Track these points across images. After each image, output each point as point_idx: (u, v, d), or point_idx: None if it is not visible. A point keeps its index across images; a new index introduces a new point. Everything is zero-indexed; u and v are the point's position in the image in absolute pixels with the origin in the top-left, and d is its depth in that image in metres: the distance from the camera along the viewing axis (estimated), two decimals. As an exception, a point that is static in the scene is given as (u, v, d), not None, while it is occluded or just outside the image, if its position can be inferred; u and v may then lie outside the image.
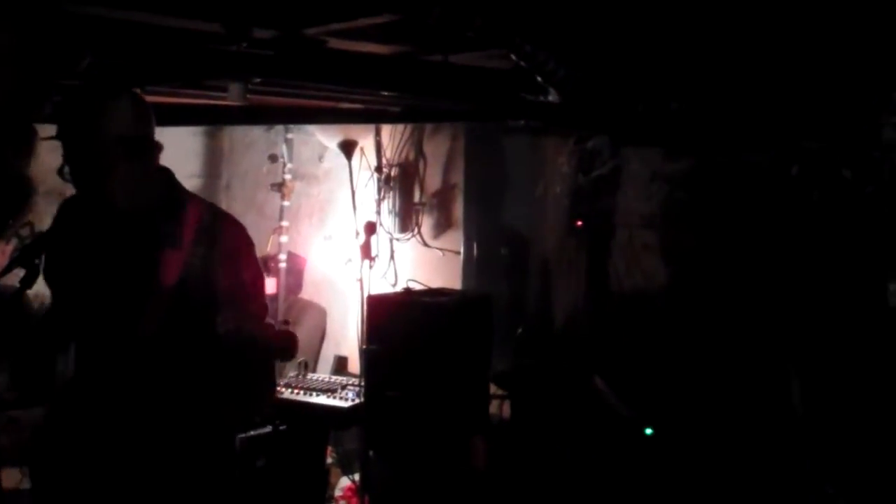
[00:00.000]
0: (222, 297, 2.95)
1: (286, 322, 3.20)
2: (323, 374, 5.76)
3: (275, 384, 4.84)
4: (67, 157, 2.88)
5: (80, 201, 3.05)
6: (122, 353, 2.89)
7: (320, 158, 6.87)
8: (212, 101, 4.52)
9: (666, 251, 4.83)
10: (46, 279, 3.01)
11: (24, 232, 5.55)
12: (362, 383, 4.76)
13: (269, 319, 3.19)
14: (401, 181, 6.17)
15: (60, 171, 2.89)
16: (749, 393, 4.29)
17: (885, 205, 3.77)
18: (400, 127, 6.10)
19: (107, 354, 2.92)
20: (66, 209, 3.09)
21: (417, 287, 5.20)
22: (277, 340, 3.12)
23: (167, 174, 3.05)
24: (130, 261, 2.92)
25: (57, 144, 2.91)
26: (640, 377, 4.72)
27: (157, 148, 2.98)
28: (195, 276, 2.92)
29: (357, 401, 4.84)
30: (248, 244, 3.11)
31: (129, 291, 2.91)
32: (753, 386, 4.29)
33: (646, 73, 3.88)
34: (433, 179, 6.05)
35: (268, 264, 6.42)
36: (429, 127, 6.01)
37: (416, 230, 6.06)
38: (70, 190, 3.05)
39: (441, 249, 5.94)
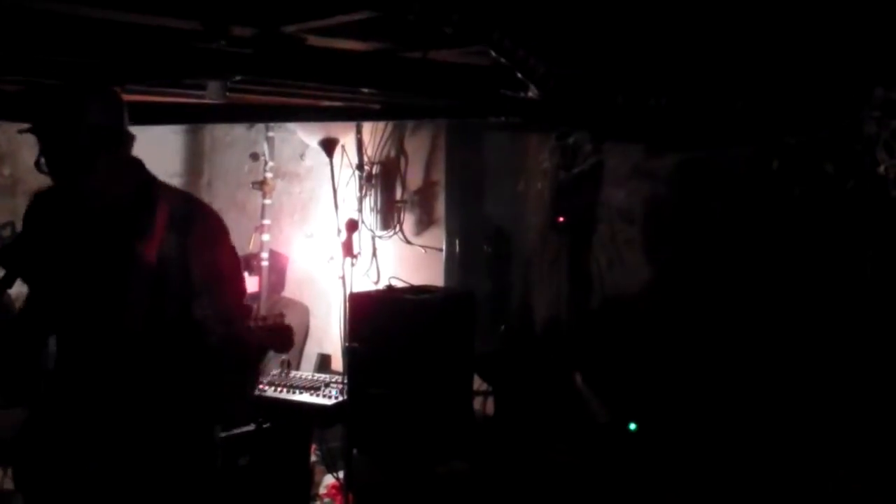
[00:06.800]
0: (199, 284, 2.97)
1: (281, 315, 3.23)
2: (306, 371, 5.74)
3: (255, 381, 4.88)
4: (44, 149, 2.89)
5: (52, 195, 3.05)
6: (108, 347, 2.89)
7: (301, 156, 6.88)
8: (192, 100, 4.50)
9: (648, 246, 4.84)
10: (23, 275, 3.02)
11: (6, 232, 5.54)
12: (345, 381, 4.76)
13: (251, 322, 3.20)
14: (382, 178, 6.17)
15: (37, 163, 2.90)
16: (733, 387, 4.30)
17: (867, 199, 3.78)
18: (381, 124, 6.10)
19: (91, 349, 2.92)
20: (39, 203, 3.08)
21: (400, 284, 5.20)
22: (269, 333, 3.15)
23: (138, 164, 3.06)
24: (106, 254, 2.93)
25: (35, 143, 2.91)
26: (622, 373, 4.73)
27: (130, 139, 2.99)
28: (171, 264, 2.94)
29: (340, 398, 4.84)
30: (223, 231, 3.12)
31: (107, 285, 2.91)
32: (737, 380, 4.30)
33: (626, 68, 3.89)
34: (415, 176, 6.05)
35: (250, 263, 6.41)
36: (410, 124, 6.01)
37: (397, 227, 6.07)
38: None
39: (423, 246, 5.94)
